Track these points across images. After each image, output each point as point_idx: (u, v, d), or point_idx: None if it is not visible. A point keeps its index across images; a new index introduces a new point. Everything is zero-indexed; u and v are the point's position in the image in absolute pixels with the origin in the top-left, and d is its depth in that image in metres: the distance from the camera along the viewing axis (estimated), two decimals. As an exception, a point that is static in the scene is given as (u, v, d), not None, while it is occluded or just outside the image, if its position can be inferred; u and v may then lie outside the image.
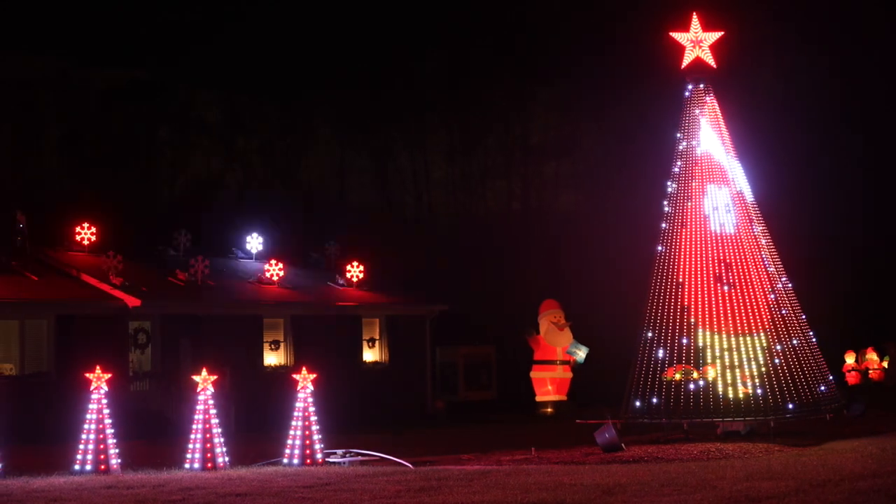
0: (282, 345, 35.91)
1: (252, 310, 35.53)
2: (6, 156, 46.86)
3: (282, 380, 29.43)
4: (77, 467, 19.07)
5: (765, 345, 25.15)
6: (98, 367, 19.70)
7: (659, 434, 24.77)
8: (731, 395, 24.62)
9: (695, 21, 26.80)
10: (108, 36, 49.98)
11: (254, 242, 39.01)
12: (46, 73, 47.97)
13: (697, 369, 24.76)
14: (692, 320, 25.24)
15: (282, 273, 37.25)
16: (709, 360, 24.91)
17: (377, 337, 38.19)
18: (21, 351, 31.28)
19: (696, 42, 26.68)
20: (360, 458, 20.86)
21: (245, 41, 52.53)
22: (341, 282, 39.03)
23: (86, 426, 19.31)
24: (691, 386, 24.54)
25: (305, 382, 20.51)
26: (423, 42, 54.91)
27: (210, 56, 51.46)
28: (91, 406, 19.35)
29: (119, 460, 19.43)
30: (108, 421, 19.39)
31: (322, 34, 53.41)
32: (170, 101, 50.88)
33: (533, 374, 38.38)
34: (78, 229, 35.55)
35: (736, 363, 24.83)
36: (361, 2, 54.39)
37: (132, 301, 32.55)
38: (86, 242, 35.43)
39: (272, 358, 35.74)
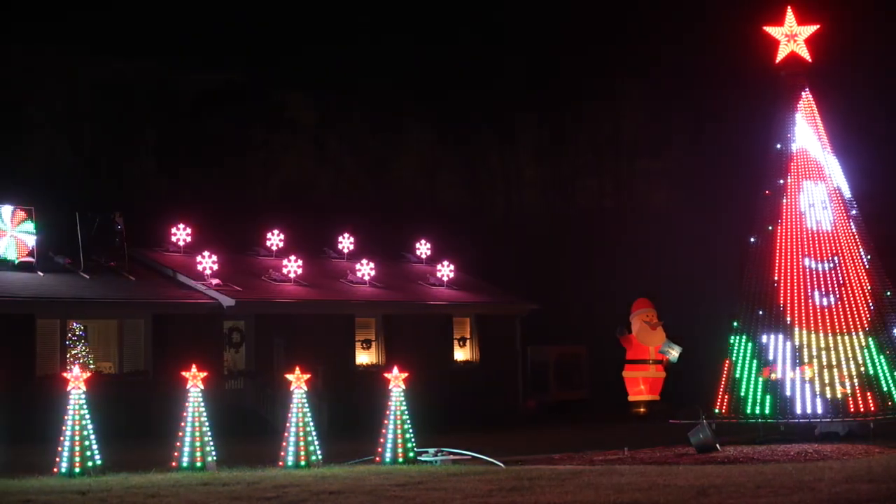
0: (373, 344, 36.13)
1: (344, 309, 35.80)
2: (104, 158, 47.86)
3: (373, 378, 29.59)
4: (174, 464, 19.37)
5: (864, 344, 24.63)
6: (194, 366, 19.97)
7: (754, 434, 24.40)
8: (829, 395, 24.15)
9: (789, 15, 26.34)
10: (202, 39, 50.76)
11: (345, 242, 39.26)
12: (143, 77, 48.90)
13: (794, 369, 24.34)
14: (788, 319, 24.83)
15: (373, 272, 37.46)
16: (806, 360, 24.48)
17: (468, 336, 38.22)
18: (119, 350, 31.96)
19: (791, 36, 26.22)
20: (451, 456, 20.86)
21: (336, 43, 52.97)
22: (432, 281, 39.14)
23: (182, 424, 19.59)
24: (788, 386, 24.13)
25: (397, 381, 20.58)
26: (514, 41, 54.82)
27: (302, 58, 52.00)
28: (187, 404, 19.62)
29: (215, 457, 19.68)
30: (203, 418, 19.63)
31: (412, 35, 53.61)
32: (263, 103, 51.50)
33: (625, 374, 38.08)
34: (174, 230, 36.13)
35: (834, 363, 24.35)
36: (451, 2, 54.49)
37: (227, 301, 33.02)
38: (181, 243, 36.00)
39: (364, 357, 35.97)
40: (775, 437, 24.15)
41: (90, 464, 18.49)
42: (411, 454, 20.32)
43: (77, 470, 18.30)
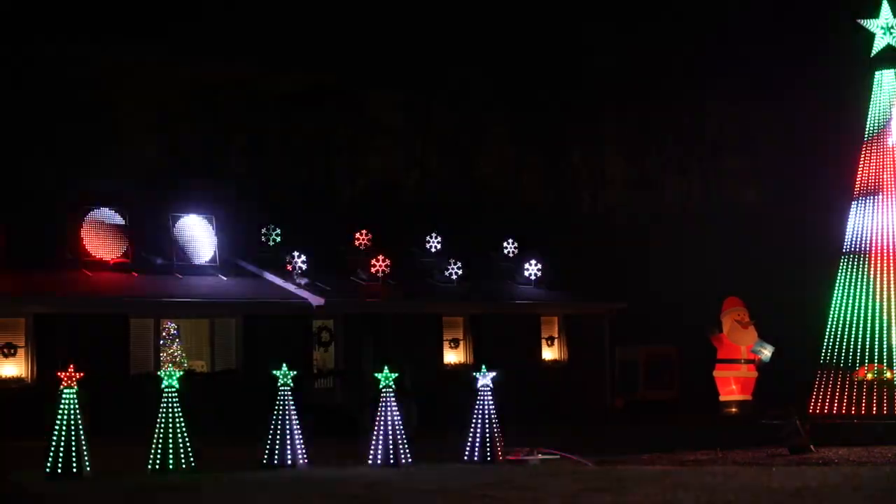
0: (461, 343, 36.13)
1: (432, 308, 35.85)
2: (196, 158, 48.55)
3: (461, 377, 29.59)
4: (265, 462, 19.57)
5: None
6: (284, 365, 20.15)
7: (850, 436, 23.92)
8: (927, 395, 23.61)
9: (885, 6, 25.78)
10: (291, 40, 51.27)
11: (433, 241, 39.31)
12: (232, 79, 49.54)
13: (891, 368, 23.84)
14: (884, 317, 24.32)
15: (461, 271, 37.48)
16: (903, 360, 23.97)
17: (556, 335, 38.05)
18: (211, 349, 32.39)
19: (888, 28, 25.65)
20: (540, 456, 20.78)
21: (421, 43, 53.13)
22: (519, 280, 39.03)
23: (273, 422, 19.77)
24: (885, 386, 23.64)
25: (485, 381, 20.56)
26: (598, 37, 54.48)
27: (389, 58, 52.26)
28: (278, 403, 19.80)
29: (305, 455, 19.84)
30: (293, 417, 19.80)
31: (495, 33, 53.56)
32: (350, 103, 51.89)
33: (716, 374, 37.61)
34: (264, 230, 36.52)
35: (933, 362, 23.81)
36: (535, 1, 54.33)
37: (315, 300, 33.28)
38: (271, 243, 36.38)
39: (452, 356, 36.00)
40: (872, 438, 23.66)
41: (182, 461, 18.75)
42: (500, 453, 20.28)
43: (170, 467, 18.57)
